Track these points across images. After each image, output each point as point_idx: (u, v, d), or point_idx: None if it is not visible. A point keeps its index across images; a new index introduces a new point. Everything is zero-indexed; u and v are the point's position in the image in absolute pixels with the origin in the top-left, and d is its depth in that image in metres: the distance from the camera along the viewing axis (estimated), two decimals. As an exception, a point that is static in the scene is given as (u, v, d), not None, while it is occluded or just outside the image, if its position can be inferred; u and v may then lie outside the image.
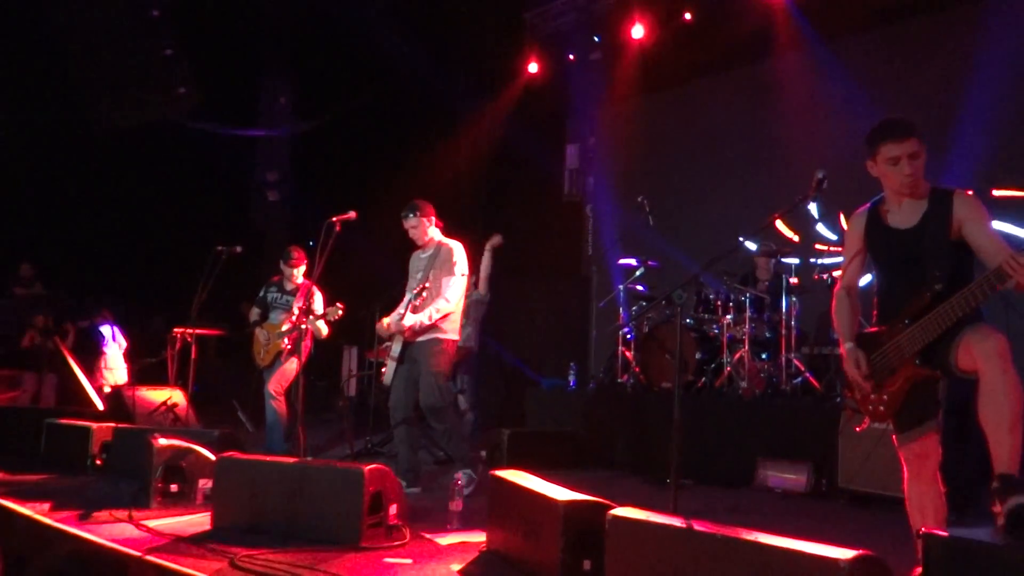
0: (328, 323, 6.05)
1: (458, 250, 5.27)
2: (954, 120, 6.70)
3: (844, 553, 2.17)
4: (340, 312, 5.81)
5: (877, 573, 2.20)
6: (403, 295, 5.35)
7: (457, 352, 7.09)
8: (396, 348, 5.27)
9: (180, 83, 10.44)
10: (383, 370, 5.42)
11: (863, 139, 3.03)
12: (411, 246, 5.50)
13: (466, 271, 5.29)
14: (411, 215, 5.31)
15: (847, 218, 3.29)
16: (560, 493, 3.14)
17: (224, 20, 11.26)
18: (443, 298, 5.14)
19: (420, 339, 5.20)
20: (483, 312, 7.56)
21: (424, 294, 5.07)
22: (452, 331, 5.28)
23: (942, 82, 7.12)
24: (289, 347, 6.14)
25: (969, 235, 2.87)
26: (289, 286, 6.57)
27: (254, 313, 6.67)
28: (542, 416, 7.74)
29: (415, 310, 5.11)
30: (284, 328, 6.24)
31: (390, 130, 11.21)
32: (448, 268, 5.21)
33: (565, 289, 10.25)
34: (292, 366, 6.20)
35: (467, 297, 5.56)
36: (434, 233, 5.37)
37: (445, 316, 5.19)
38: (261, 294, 6.71)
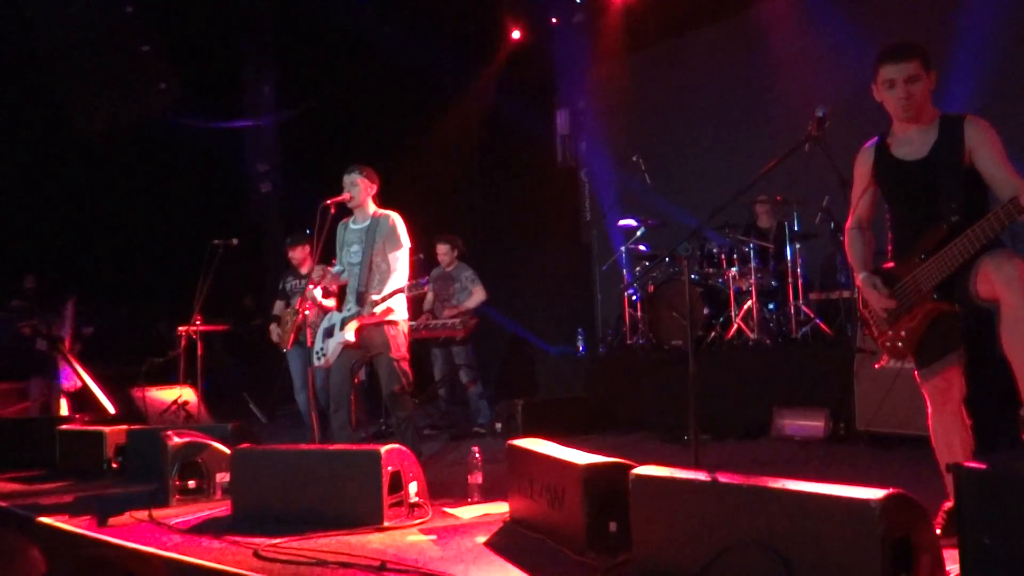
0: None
1: (399, 220, 4.91)
2: (952, 47, 6.56)
3: (875, 493, 2.13)
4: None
5: (909, 510, 2.17)
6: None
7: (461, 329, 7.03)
8: (349, 332, 4.73)
9: (160, 79, 10.28)
10: (324, 354, 4.82)
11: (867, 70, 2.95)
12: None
13: (409, 243, 4.92)
14: (355, 172, 4.90)
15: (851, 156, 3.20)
16: (580, 457, 3.10)
17: (200, 12, 11.07)
18: (396, 273, 4.77)
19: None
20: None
21: (379, 273, 4.73)
22: (403, 309, 4.88)
23: (938, 10, 6.97)
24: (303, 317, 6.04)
25: (979, 164, 2.79)
26: (304, 271, 6.66)
27: (278, 306, 6.77)
28: (554, 384, 7.72)
29: (371, 291, 4.72)
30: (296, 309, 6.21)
31: (377, 110, 11.05)
32: (394, 241, 4.82)
33: (566, 256, 10.17)
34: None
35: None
36: (370, 203, 4.98)
37: (396, 294, 4.78)
38: (280, 286, 6.82)
